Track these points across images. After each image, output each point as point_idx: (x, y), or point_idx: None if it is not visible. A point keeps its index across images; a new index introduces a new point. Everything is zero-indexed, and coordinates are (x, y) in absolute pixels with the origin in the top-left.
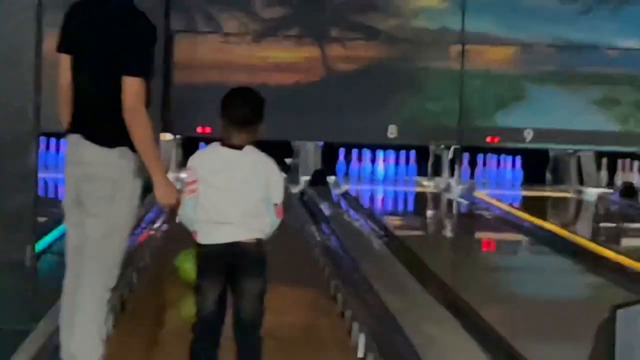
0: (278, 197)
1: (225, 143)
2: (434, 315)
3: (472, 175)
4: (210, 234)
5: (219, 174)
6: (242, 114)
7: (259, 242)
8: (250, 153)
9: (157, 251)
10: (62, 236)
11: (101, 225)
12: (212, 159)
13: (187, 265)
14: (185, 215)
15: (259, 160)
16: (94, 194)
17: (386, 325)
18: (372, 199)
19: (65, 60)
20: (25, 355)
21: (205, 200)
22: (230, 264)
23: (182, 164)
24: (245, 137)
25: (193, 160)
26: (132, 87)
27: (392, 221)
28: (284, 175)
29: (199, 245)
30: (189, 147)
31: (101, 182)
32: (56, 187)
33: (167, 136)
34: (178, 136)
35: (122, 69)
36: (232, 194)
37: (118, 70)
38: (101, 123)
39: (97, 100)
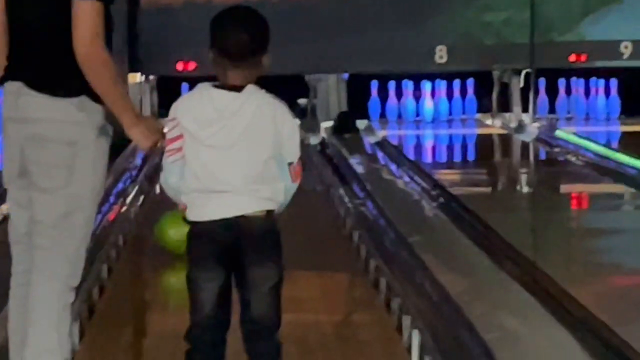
0: (293, 153)
1: (218, 84)
2: (511, 300)
3: (552, 109)
4: (203, 208)
5: (211, 126)
6: (239, 42)
7: (269, 215)
8: (253, 95)
9: (132, 233)
10: (1, 222)
11: (57, 203)
12: (201, 106)
13: (172, 231)
14: (168, 183)
15: (265, 104)
16: (45, 161)
17: (447, 317)
18: (418, 147)
19: None
20: None
21: (194, 162)
22: (232, 246)
23: (160, 115)
24: (245, 75)
25: (176, 109)
26: (85, 15)
27: (448, 176)
28: (298, 122)
29: (190, 223)
30: (167, 91)
31: (54, 146)
32: None
33: (136, 77)
34: (151, 76)
35: None
36: (231, 153)
37: None
38: (49, 65)
39: (42, 35)
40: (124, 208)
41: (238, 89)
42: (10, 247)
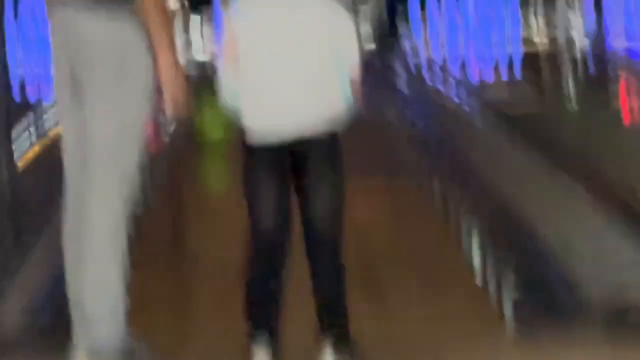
0: (352, 56)
1: None
2: (574, 202)
3: (599, 19)
4: (263, 118)
5: (270, 34)
6: None
7: (333, 137)
8: (316, 4)
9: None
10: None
11: (109, 120)
12: (259, 13)
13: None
14: (227, 87)
15: (326, 10)
16: (95, 78)
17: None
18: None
19: None
20: None
21: (250, 73)
22: (292, 154)
23: (189, 25)
24: None
25: (234, 20)
26: None
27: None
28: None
29: (248, 134)
30: None
31: (103, 61)
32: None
33: None
34: None
35: None
36: (291, 61)
37: None
38: None
39: None
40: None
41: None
42: (65, 171)
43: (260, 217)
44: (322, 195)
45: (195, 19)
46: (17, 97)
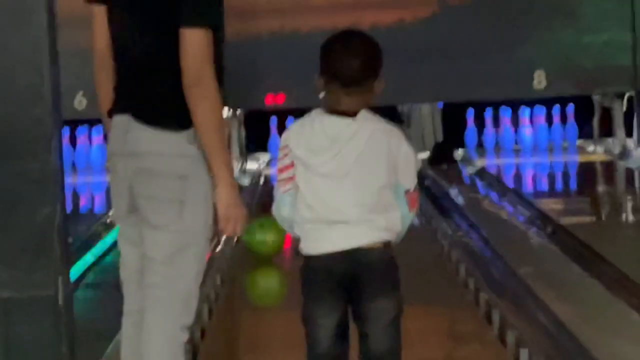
0: (410, 180)
1: (331, 110)
2: (627, 328)
3: None
4: (318, 240)
5: (324, 153)
6: (352, 67)
7: (387, 246)
8: (367, 121)
9: (230, 273)
10: (102, 261)
11: (168, 239)
12: (313, 133)
13: (259, 237)
14: (281, 215)
15: (380, 130)
16: (156, 196)
17: (564, 347)
18: (519, 176)
19: (99, 13)
20: None
21: (307, 192)
22: (349, 279)
23: (249, 150)
24: (357, 100)
25: (288, 137)
26: (193, 44)
27: (552, 205)
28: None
29: (305, 257)
30: (255, 125)
31: (165, 180)
32: (90, 195)
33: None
34: (239, 111)
35: (178, 18)
36: (345, 181)
37: (173, 19)
38: (158, 97)
39: (149, 65)
40: (219, 248)
41: (351, 114)
42: (122, 285)
43: (316, 342)
44: (379, 319)
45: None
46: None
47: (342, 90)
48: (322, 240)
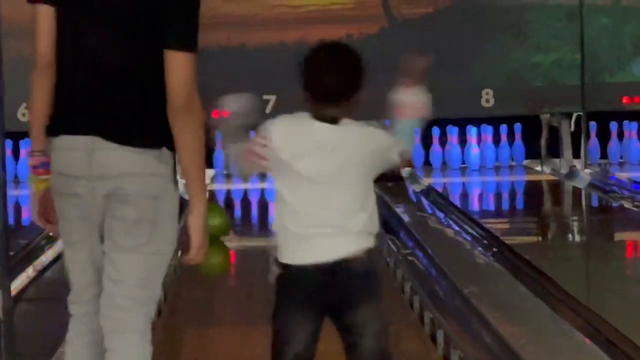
0: (397, 151)
1: (317, 116)
2: (570, 347)
3: (604, 154)
4: (300, 250)
5: (310, 156)
6: (334, 84)
7: (368, 254)
8: (351, 125)
9: (173, 289)
10: (43, 275)
11: (140, 262)
12: (301, 135)
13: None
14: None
15: (364, 132)
16: (129, 218)
17: None
18: (465, 195)
19: (45, 14)
20: None
21: (291, 196)
22: (330, 289)
23: None
24: (340, 111)
25: (272, 130)
26: (183, 69)
27: (498, 225)
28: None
29: (283, 266)
30: None
31: (140, 200)
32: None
33: None
34: None
35: (165, 40)
36: (330, 187)
37: (154, 38)
38: (135, 115)
39: (126, 81)
40: None
41: (335, 121)
42: (69, 308)
43: (287, 350)
44: (372, 324)
45: None
46: None
47: (323, 105)
48: (303, 250)
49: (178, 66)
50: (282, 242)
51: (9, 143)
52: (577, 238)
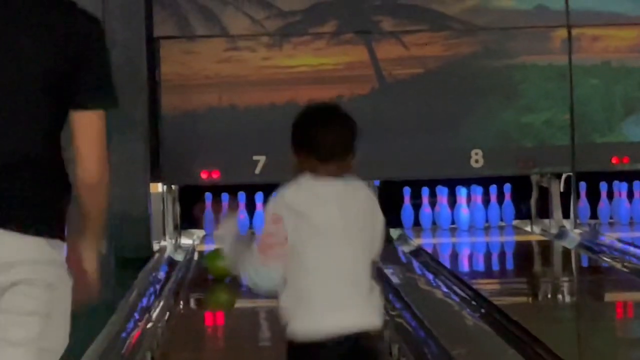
0: (379, 251)
1: (322, 174)
2: None
3: (593, 214)
4: (323, 319)
5: (326, 206)
6: (336, 141)
7: (381, 330)
8: (359, 183)
9: (160, 351)
10: None
11: (31, 356)
12: (312, 197)
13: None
14: (262, 287)
15: (370, 194)
16: (23, 309)
17: None
18: (455, 256)
19: None
20: None
21: (317, 266)
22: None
23: (183, 227)
24: (335, 169)
25: (279, 206)
26: (92, 128)
27: (488, 285)
28: None
29: (297, 344)
30: (189, 201)
31: (36, 290)
32: None
33: (157, 187)
34: (174, 186)
35: (75, 98)
36: (355, 247)
37: (60, 98)
38: (30, 199)
39: (25, 161)
40: (150, 324)
41: (340, 177)
42: None
43: None
44: None
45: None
46: None
47: (320, 164)
48: (325, 320)
49: (88, 128)
50: (296, 312)
51: None
52: (567, 299)
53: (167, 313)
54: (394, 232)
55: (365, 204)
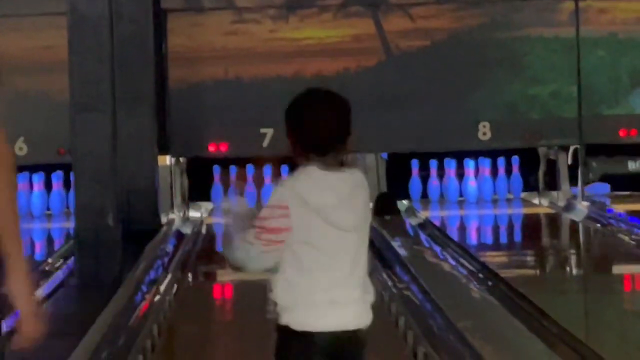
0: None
1: (325, 165)
2: None
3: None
4: (321, 314)
5: (340, 203)
6: (337, 131)
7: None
8: (357, 174)
9: (167, 323)
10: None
11: None
12: (318, 189)
13: None
14: (251, 268)
15: (367, 185)
16: None
17: None
18: (463, 228)
19: None
20: None
21: (314, 249)
22: (340, 354)
23: (192, 199)
24: (334, 156)
25: (285, 195)
26: None
27: (495, 258)
28: None
29: (291, 333)
30: (197, 173)
31: None
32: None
33: (165, 160)
34: (182, 159)
35: None
36: (355, 239)
37: None
38: None
39: None
40: (157, 297)
41: (341, 168)
42: None
43: None
44: None
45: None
46: None
47: (327, 152)
48: (325, 316)
49: None
50: (295, 305)
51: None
52: (574, 271)
53: (175, 286)
54: (402, 205)
55: (365, 197)
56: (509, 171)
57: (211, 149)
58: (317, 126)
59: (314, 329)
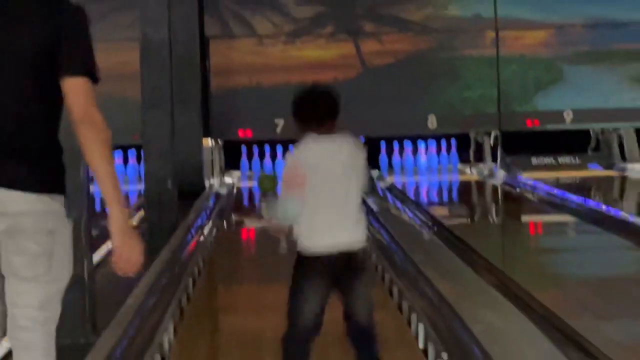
0: (364, 184)
1: (321, 133)
2: (489, 301)
3: (512, 161)
4: (322, 239)
5: (332, 158)
6: (329, 109)
7: (365, 249)
8: (345, 137)
9: (209, 257)
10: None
11: (40, 290)
12: (318, 147)
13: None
14: (287, 212)
15: (353, 143)
16: (29, 252)
17: (444, 314)
18: (417, 190)
19: None
20: None
21: (317, 192)
22: (343, 271)
23: (226, 167)
24: (325, 130)
25: (299, 157)
26: (78, 89)
27: (439, 211)
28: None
29: (303, 256)
30: (229, 151)
31: (37, 236)
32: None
33: (207, 142)
34: (219, 141)
35: (60, 69)
36: (346, 183)
37: (48, 71)
38: (28, 161)
39: (18, 124)
40: (202, 238)
41: (332, 134)
42: None
43: (303, 316)
44: (365, 299)
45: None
46: None
47: (320, 124)
48: (324, 239)
49: (75, 88)
50: (306, 231)
51: None
52: (495, 220)
53: (215, 230)
54: (374, 173)
55: (352, 151)
56: (449, 149)
57: (240, 134)
58: (312, 105)
59: (317, 249)
